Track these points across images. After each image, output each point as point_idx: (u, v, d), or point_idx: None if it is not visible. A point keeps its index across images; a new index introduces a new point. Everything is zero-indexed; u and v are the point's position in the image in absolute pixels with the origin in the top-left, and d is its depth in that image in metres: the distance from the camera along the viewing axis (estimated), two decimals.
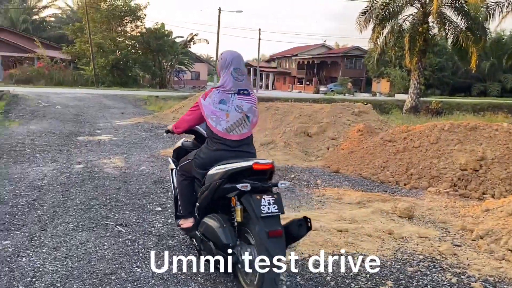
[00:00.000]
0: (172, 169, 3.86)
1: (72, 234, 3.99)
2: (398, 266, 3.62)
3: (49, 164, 6.96)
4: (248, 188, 2.76)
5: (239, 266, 2.87)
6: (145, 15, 37.12)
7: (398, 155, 7.33)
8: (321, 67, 54.27)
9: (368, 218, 4.85)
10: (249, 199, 2.75)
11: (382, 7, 22.18)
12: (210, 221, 3.01)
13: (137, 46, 37.56)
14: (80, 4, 39.95)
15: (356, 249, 3.92)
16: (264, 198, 2.75)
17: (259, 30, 46.95)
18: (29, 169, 6.50)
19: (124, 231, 4.13)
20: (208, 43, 47.05)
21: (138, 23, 37.42)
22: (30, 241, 3.76)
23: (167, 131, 3.74)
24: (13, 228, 4.05)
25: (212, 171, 3.03)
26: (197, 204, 3.28)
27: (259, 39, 47.01)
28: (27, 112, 14.53)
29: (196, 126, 3.52)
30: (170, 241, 3.92)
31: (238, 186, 2.76)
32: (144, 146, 9.19)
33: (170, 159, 4.00)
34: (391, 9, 22.46)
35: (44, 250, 3.59)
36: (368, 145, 8.00)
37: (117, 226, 4.23)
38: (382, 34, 22.92)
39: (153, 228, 4.24)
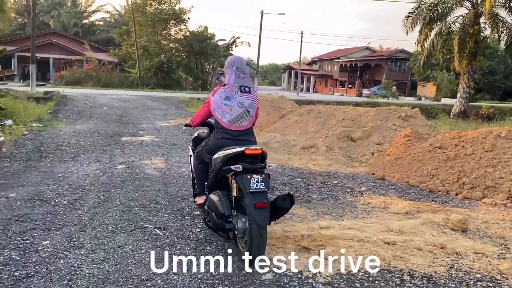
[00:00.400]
0: (190, 155, 4.56)
1: (111, 236, 3.95)
2: (453, 285, 3.31)
3: (92, 164, 7.06)
4: (240, 169, 3.40)
5: (236, 232, 3.50)
6: (188, 18, 37.80)
7: (448, 162, 6.90)
8: (364, 70, 53.15)
9: (417, 230, 4.53)
10: (242, 177, 3.39)
11: (430, 8, 21.36)
12: (213, 196, 3.64)
13: (181, 49, 38.21)
14: (127, 8, 41.14)
15: (405, 264, 3.64)
16: (253, 177, 3.37)
17: (301, 32, 46.48)
18: (73, 169, 6.61)
19: (162, 234, 4.04)
20: (249, 46, 47.29)
21: (182, 27, 38.12)
22: (69, 242, 3.75)
23: (186, 125, 4.44)
24: (53, 228, 4.07)
25: (216, 155, 3.69)
26: (206, 183, 3.97)
27: (301, 41, 46.57)
28: (74, 112, 15.00)
29: (209, 120, 4.12)
30: (208, 247, 3.79)
31: (232, 167, 3.42)
32: (184, 147, 9.18)
33: (189, 147, 4.74)
34: (440, 10, 21.58)
35: (82, 252, 3.55)
36: (416, 151, 7.60)
37: (155, 230, 4.16)
38: (430, 36, 22.08)
39: (191, 233, 4.13)
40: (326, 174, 7.21)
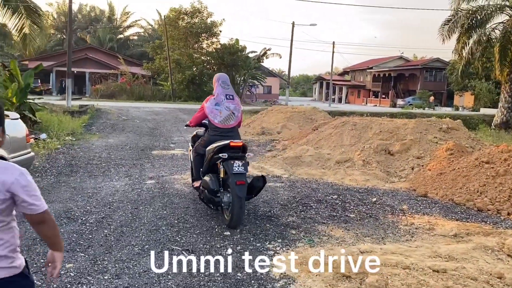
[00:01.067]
0: (190, 150, 5.83)
1: (137, 259, 3.73)
2: None
3: (122, 179, 6.94)
4: (226, 156, 4.58)
5: (222, 204, 4.68)
6: (220, 31, 38.04)
7: (498, 178, 6.37)
8: (398, 80, 51.95)
9: (469, 256, 4.09)
10: (227, 163, 4.56)
11: (468, 15, 20.56)
12: (206, 178, 4.84)
13: (212, 61, 38.49)
14: (160, 23, 41.95)
15: None
16: (236, 162, 4.53)
17: (333, 43, 45.98)
18: (103, 184, 6.50)
19: (190, 258, 3.79)
20: (280, 57, 47.13)
21: (214, 39, 38.40)
22: (93, 265, 3.55)
23: (186, 125, 5.78)
24: (78, 249, 3.89)
25: (209, 147, 4.91)
26: (201, 169, 5.12)
27: (333, 52, 46.04)
28: (108, 125, 15.16)
29: (203, 121, 5.31)
30: (238, 274, 3.51)
31: (220, 155, 4.62)
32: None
33: (189, 143, 5.96)
34: (479, 17, 20.73)
35: (106, 277, 3.35)
36: (460, 166, 7.09)
37: (183, 252, 3.91)
38: (468, 44, 21.26)
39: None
40: (363, 190, 6.82)
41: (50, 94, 38.69)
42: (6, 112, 6.29)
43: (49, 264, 1.92)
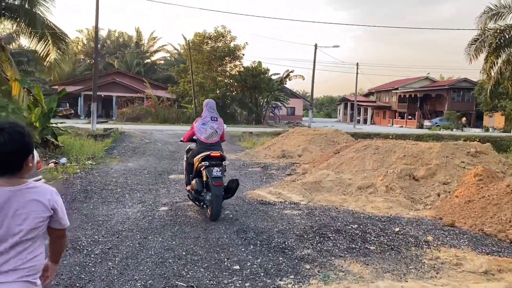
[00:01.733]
0: (184, 160, 6.91)
1: None
2: None
3: (135, 205, 6.80)
4: (207, 163, 5.90)
5: (205, 202, 5.91)
6: (243, 54, 38.36)
7: None
8: (424, 100, 50.92)
9: None
10: (209, 168, 5.85)
11: (495, 34, 20.00)
12: (193, 181, 6.09)
13: (235, 84, 38.76)
14: (186, 47, 42.70)
15: None
16: (214, 168, 5.83)
17: (357, 64, 45.72)
18: (115, 211, 6.37)
19: None
20: (303, 79, 47.19)
21: (237, 63, 38.72)
22: None
23: (181, 140, 6.94)
24: (77, 285, 3.70)
25: (196, 158, 6.09)
26: (191, 175, 6.37)
27: (357, 73, 45.68)
28: (129, 149, 15.22)
29: (194, 137, 6.41)
30: None
31: (203, 163, 5.92)
32: None
33: (184, 155, 7.02)
34: (507, 36, 20.16)
35: None
36: (490, 193, 6.64)
37: None
38: (497, 64, 20.63)
39: None
40: (386, 219, 6.44)
41: (78, 118, 39.66)
42: None
43: (44, 273, 2.09)
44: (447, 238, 5.54)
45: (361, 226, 5.94)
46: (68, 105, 40.91)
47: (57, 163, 10.53)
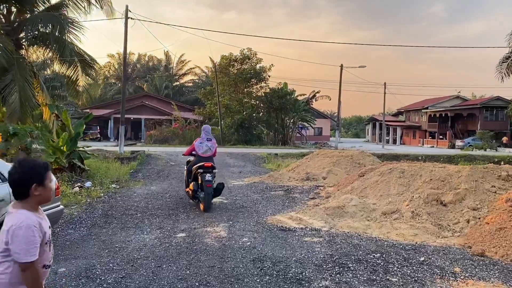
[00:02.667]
0: (185, 169, 9.15)
1: None
2: None
3: (153, 231, 6.76)
4: (202, 171, 8.31)
5: (199, 199, 8.36)
6: (269, 76, 38.60)
7: None
8: (455, 119, 49.61)
9: None
10: (203, 175, 8.23)
11: None
12: (192, 184, 8.47)
13: (261, 105, 38.94)
14: (212, 70, 43.38)
15: None
16: (207, 174, 8.21)
17: (384, 84, 45.20)
18: (132, 237, 6.34)
19: None
20: (330, 99, 46.68)
21: (263, 84, 38.97)
22: None
23: (183, 154, 9.22)
24: None
25: (194, 166, 8.44)
26: (189, 179, 8.65)
27: (384, 93, 45.12)
28: (154, 172, 15.36)
29: (193, 152, 8.78)
30: None
31: (199, 170, 8.33)
32: (252, 211, 8.64)
33: (185, 166, 9.35)
34: None
35: None
36: None
37: None
38: None
39: None
40: (410, 247, 6.15)
41: (108, 140, 40.62)
42: None
43: None
44: (476, 269, 5.22)
45: (384, 255, 5.68)
46: (98, 128, 42.15)
47: (82, 186, 10.70)
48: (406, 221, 7.49)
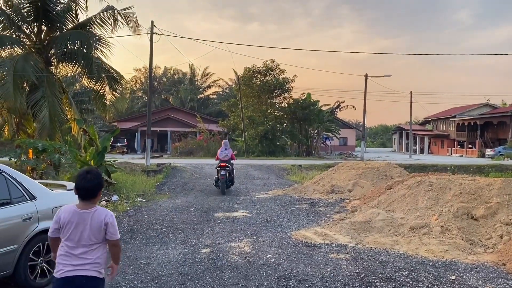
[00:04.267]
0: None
1: None
2: None
3: (178, 246, 6.78)
4: (219, 168, 13.38)
5: (218, 185, 13.40)
6: (292, 87, 38.58)
7: None
8: (485, 128, 48.20)
9: None
10: (220, 171, 13.32)
11: None
12: (215, 176, 13.81)
13: (285, 116, 38.89)
14: (236, 82, 43.69)
15: None
16: (222, 171, 13.24)
17: (410, 92, 44.47)
18: (157, 253, 6.37)
19: None
20: (355, 109, 46.51)
21: (286, 95, 38.97)
22: None
23: (216, 159, 13.89)
24: None
25: (216, 166, 13.73)
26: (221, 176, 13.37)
27: (411, 101, 44.37)
28: (179, 184, 15.48)
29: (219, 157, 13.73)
30: None
31: (218, 168, 13.44)
32: (277, 225, 8.57)
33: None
34: None
35: None
36: None
37: None
38: None
39: None
40: (440, 264, 5.94)
41: (135, 153, 41.29)
42: (62, 182, 6.51)
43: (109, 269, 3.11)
44: None
45: (413, 273, 5.51)
46: (126, 141, 42.93)
47: (108, 200, 10.86)
48: (435, 236, 7.26)
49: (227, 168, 13.14)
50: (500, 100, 69.41)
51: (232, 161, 13.60)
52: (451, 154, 50.33)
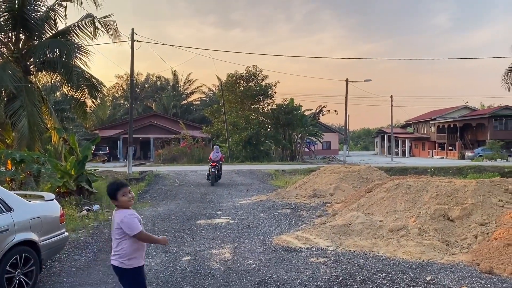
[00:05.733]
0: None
1: None
2: None
3: (158, 255, 6.78)
4: (210, 166, 17.77)
5: (209, 179, 17.79)
6: (275, 93, 38.82)
7: None
8: (464, 130, 49.20)
9: None
10: (211, 168, 17.73)
11: None
12: (207, 172, 18.20)
13: (268, 121, 39.06)
14: (219, 88, 43.75)
15: None
16: (212, 168, 17.60)
17: (391, 96, 45.16)
18: None
19: None
20: (337, 114, 46.80)
21: (269, 100, 39.18)
22: None
23: (209, 160, 18.19)
24: None
25: (208, 165, 18.16)
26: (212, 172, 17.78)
27: (391, 105, 45.06)
28: (162, 192, 15.43)
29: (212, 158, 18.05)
30: None
31: (209, 166, 17.93)
32: (259, 231, 8.63)
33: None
34: None
35: None
36: None
37: None
38: None
39: None
40: (417, 266, 6.08)
41: (117, 160, 40.91)
42: (41, 193, 6.47)
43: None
44: None
45: (390, 275, 5.63)
46: (108, 149, 42.47)
47: (89, 210, 10.78)
48: (413, 238, 7.42)
49: (217, 167, 17.57)
50: (478, 102, 70.97)
51: (220, 162, 18.10)
52: (432, 156, 51.19)
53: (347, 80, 34.68)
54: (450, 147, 49.28)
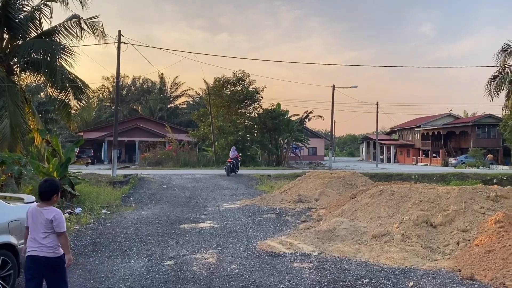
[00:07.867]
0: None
1: None
2: None
3: (141, 259, 6.69)
4: (227, 162, 24.35)
5: (227, 171, 23.72)
6: (262, 97, 38.85)
7: None
8: (448, 137, 49.94)
9: None
10: (227, 164, 24.13)
11: None
12: (226, 165, 24.27)
13: (255, 126, 39.05)
14: (206, 91, 43.62)
15: None
16: (228, 163, 23.91)
17: (377, 103, 45.58)
18: (119, 266, 6.27)
19: None
20: (323, 119, 46.84)
21: (256, 105, 39.18)
22: None
23: (228, 160, 24.75)
24: None
25: (226, 162, 24.54)
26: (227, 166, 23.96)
27: (377, 112, 45.40)
28: (146, 196, 15.27)
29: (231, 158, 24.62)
30: None
31: (227, 162, 24.70)
32: (243, 235, 8.59)
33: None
34: None
35: None
36: None
37: None
38: None
39: None
40: (400, 272, 6.11)
41: (102, 163, 40.42)
42: (21, 195, 6.35)
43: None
44: None
45: (373, 281, 5.64)
46: (92, 151, 41.94)
47: (72, 213, 10.60)
48: (396, 244, 7.47)
49: (232, 162, 23.53)
50: (462, 110, 72.13)
51: (237, 159, 24.58)
52: (417, 163, 51.79)
53: (333, 86, 34.95)
54: (434, 154, 49.94)
